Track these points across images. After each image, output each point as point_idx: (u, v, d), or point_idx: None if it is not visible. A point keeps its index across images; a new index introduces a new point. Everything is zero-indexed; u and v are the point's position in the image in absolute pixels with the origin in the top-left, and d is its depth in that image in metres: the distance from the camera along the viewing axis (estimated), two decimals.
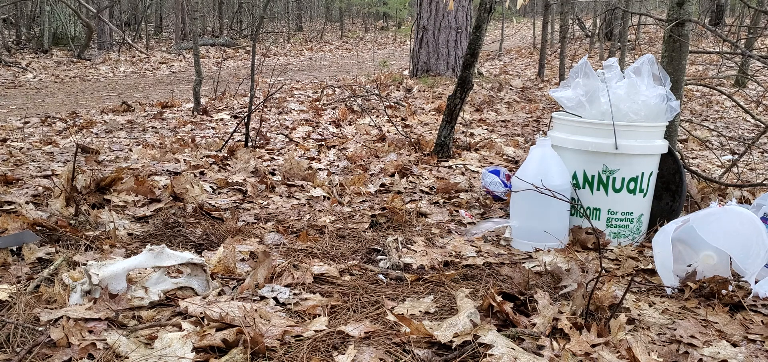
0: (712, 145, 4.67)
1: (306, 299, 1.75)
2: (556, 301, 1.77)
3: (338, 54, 14.24)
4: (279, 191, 3.03)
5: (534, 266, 2.07)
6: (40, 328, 1.50)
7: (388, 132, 4.57)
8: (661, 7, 16.76)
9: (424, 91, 6.76)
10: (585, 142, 2.37)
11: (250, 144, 3.96)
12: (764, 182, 3.06)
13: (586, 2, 18.42)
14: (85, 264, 1.69)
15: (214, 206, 2.70)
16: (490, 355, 1.43)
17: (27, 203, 2.46)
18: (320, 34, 18.75)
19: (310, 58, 13.15)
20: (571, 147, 2.40)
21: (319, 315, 1.65)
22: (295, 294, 1.78)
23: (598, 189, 2.38)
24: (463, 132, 4.77)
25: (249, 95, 4.43)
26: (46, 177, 2.99)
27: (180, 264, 1.76)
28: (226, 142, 3.94)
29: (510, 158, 3.94)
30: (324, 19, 21.55)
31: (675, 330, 1.62)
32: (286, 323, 1.58)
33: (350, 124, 4.99)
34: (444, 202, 2.92)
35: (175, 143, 4.07)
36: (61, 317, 1.53)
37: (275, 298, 1.74)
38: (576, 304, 1.66)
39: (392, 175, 3.33)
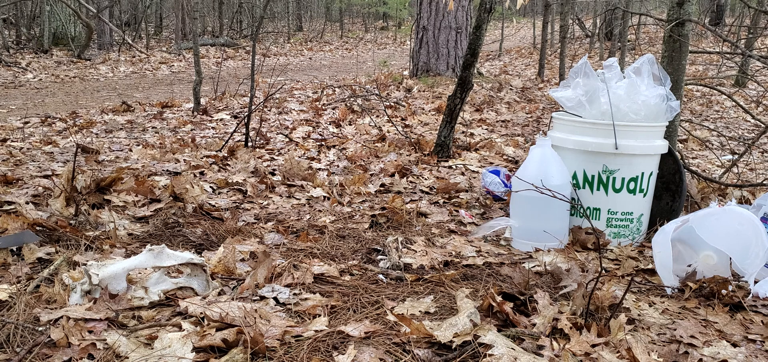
0: (712, 145, 4.67)
1: (306, 299, 1.75)
2: (556, 301, 1.77)
3: (338, 54, 14.24)
4: (279, 191, 3.03)
5: (534, 266, 2.07)
6: (40, 328, 1.50)
7: (388, 132, 4.57)
8: (661, 7, 16.75)
9: (424, 91, 6.76)
10: (585, 142, 2.37)
11: (250, 144, 3.96)
12: (764, 182, 3.06)
13: (586, 2, 18.42)
14: (85, 264, 1.69)
15: (214, 206, 2.70)
16: (490, 355, 1.43)
17: (27, 203, 2.46)
18: (320, 34, 18.74)
19: (310, 58, 13.15)
20: (571, 147, 2.40)
21: (319, 315, 1.65)
22: (295, 294, 1.78)
23: (598, 189, 2.38)
24: (463, 132, 4.76)
25: (249, 95, 4.43)
26: (46, 177, 2.99)
27: (180, 264, 1.76)
28: (226, 142, 3.94)
29: (510, 158, 3.94)
30: (324, 19, 21.54)
31: (675, 330, 1.62)
32: (286, 323, 1.58)
33: (350, 124, 4.99)
34: (444, 202, 2.92)
35: (175, 143, 4.07)
36: (61, 317, 1.53)
37: (275, 298, 1.74)
38: (576, 304, 1.66)
39: (392, 175, 3.33)
